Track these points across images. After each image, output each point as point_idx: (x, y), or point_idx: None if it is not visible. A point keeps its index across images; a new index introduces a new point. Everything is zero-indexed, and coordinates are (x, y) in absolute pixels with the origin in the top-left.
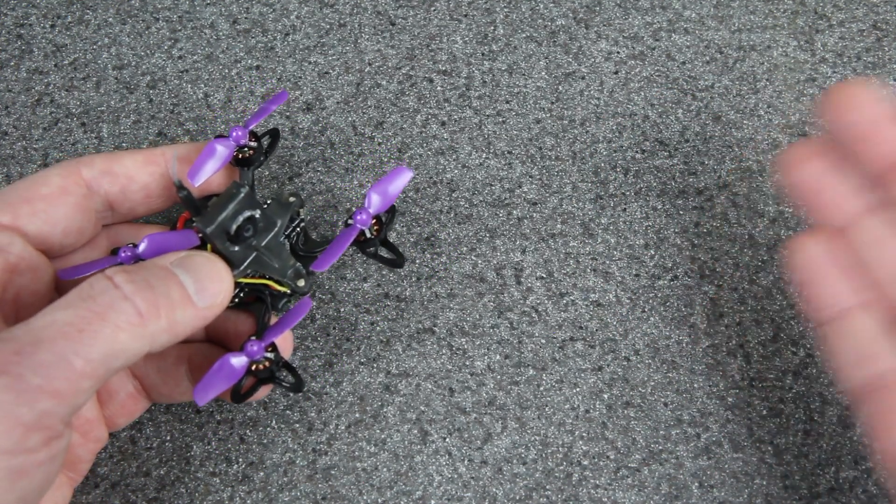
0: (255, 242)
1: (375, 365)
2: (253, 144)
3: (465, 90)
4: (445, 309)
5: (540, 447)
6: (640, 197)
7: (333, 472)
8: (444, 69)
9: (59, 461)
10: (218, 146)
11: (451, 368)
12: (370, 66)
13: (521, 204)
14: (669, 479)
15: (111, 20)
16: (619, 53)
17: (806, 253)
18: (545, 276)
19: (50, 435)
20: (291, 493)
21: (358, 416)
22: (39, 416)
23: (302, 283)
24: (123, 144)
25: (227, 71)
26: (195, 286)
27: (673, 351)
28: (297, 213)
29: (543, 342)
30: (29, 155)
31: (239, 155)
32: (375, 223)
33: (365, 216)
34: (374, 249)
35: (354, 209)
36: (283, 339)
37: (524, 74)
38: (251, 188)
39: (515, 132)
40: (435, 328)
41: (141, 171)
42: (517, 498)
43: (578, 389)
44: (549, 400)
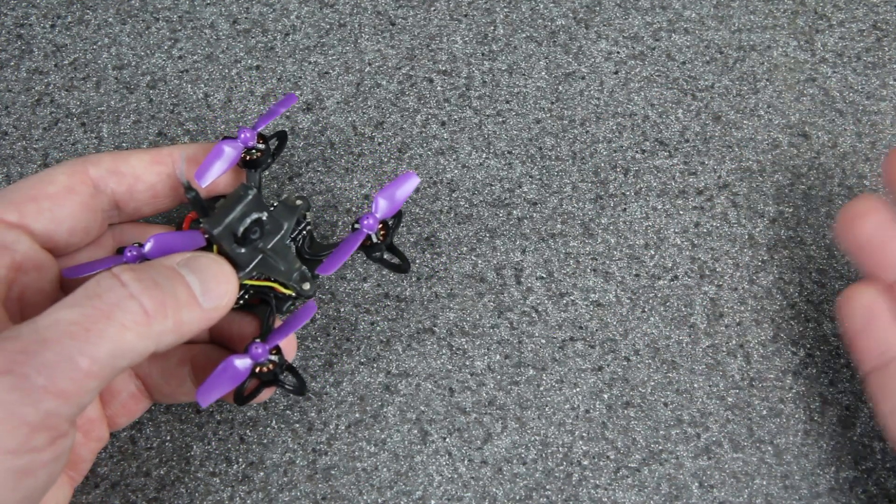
0: (261, 245)
1: (375, 365)
2: (261, 146)
3: (465, 90)
4: (445, 309)
5: (540, 447)
6: (640, 197)
7: (333, 472)
8: (444, 69)
9: (63, 460)
10: (226, 147)
11: (451, 368)
12: (370, 66)
13: (521, 204)
14: (669, 479)
15: (111, 20)
16: (619, 53)
17: (859, 302)
18: (545, 276)
19: (55, 435)
20: (291, 493)
21: (358, 416)
22: (45, 415)
23: (307, 286)
24: (123, 144)
25: (227, 71)
26: (201, 287)
27: (673, 351)
28: (303, 216)
29: (543, 342)
30: (29, 155)
31: (246, 157)
32: (382, 228)
33: (372, 221)
34: (379, 254)
35: (355, 209)
36: (287, 342)
37: (524, 74)
38: (258, 191)
39: (515, 132)
40: (435, 328)
41: (148, 170)
42: (517, 498)
43: (578, 389)
44: (549, 400)
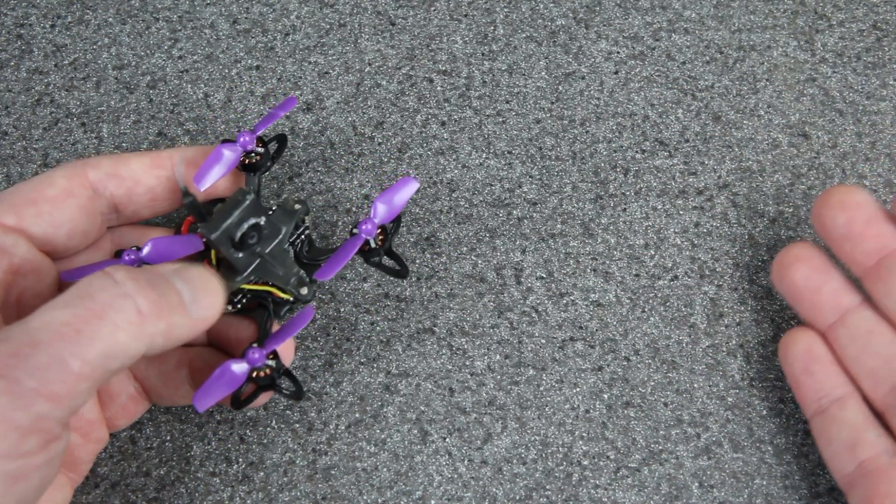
0: (259, 249)
1: (375, 365)
2: (260, 150)
3: (465, 90)
4: (445, 309)
5: (540, 447)
6: (640, 197)
7: (333, 472)
8: (444, 69)
9: (56, 463)
10: (225, 151)
11: (451, 368)
12: (370, 66)
13: (521, 204)
14: (669, 479)
15: (111, 20)
16: (619, 53)
17: (797, 347)
18: (545, 276)
19: (47, 438)
20: (291, 493)
21: (358, 416)
22: (36, 419)
23: (305, 290)
24: (123, 144)
25: (227, 71)
26: (190, 296)
27: (673, 351)
28: (301, 220)
29: (543, 342)
30: (29, 155)
31: (245, 160)
32: (380, 233)
33: (370, 226)
34: (378, 259)
35: (355, 209)
36: (284, 346)
37: (524, 74)
38: (257, 194)
39: (515, 132)
40: (435, 328)
41: (147, 174)
42: (517, 498)
43: (578, 389)
44: (549, 400)
